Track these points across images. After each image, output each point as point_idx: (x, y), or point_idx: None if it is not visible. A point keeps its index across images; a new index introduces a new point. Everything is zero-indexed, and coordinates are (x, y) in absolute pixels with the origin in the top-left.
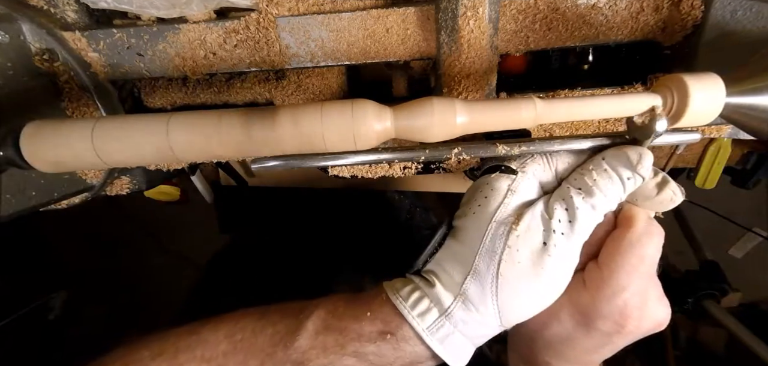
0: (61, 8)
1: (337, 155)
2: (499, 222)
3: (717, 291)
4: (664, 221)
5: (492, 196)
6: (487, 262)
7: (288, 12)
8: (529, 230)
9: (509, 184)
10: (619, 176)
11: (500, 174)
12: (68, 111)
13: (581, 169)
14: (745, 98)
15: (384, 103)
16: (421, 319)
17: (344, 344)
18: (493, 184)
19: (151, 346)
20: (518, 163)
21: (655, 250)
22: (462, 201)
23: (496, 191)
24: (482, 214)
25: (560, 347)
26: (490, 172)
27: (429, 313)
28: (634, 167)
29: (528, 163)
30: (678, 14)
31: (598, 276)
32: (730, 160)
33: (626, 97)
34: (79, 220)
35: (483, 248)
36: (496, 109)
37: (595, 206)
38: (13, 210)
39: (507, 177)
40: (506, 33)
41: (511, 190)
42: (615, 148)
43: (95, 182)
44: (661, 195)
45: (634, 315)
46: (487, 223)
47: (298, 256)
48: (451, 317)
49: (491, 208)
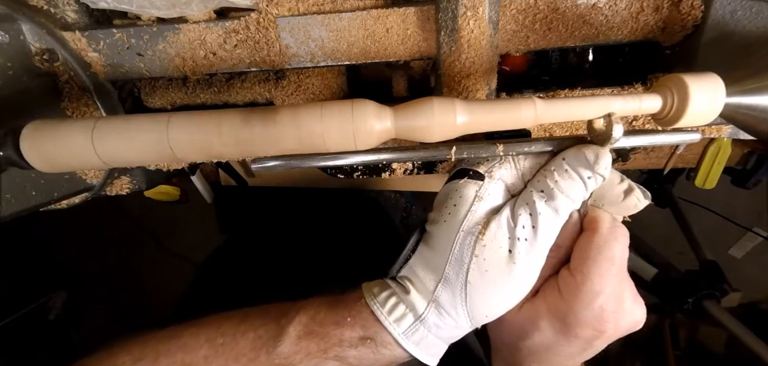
0: (61, 8)
1: (337, 155)
2: (467, 231)
3: (717, 291)
4: (665, 221)
5: (460, 204)
6: (457, 270)
7: (288, 12)
8: (495, 239)
9: (476, 190)
10: (579, 176)
11: (468, 180)
12: (68, 111)
13: (543, 171)
14: (745, 98)
15: (384, 103)
16: (398, 324)
17: (326, 349)
18: (462, 190)
19: (131, 350)
20: (486, 168)
21: (622, 251)
22: (435, 202)
23: (464, 199)
24: (451, 222)
25: (543, 354)
26: (459, 177)
27: (404, 318)
28: (592, 166)
29: (495, 168)
30: (678, 14)
31: (572, 282)
32: (730, 160)
33: (626, 97)
34: (79, 220)
35: (452, 257)
36: (496, 109)
37: (557, 209)
38: (13, 210)
39: (475, 183)
40: (506, 33)
41: (479, 196)
42: (574, 148)
43: (95, 182)
44: (626, 201)
45: (611, 319)
46: (455, 231)
47: (298, 255)
48: (424, 322)
49: (459, 217)
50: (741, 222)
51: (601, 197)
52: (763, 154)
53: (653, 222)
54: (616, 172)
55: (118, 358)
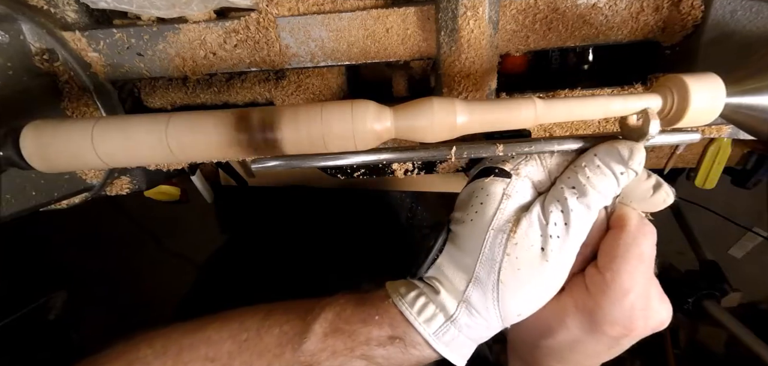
0: (61, 8)
1: (337, 155)
2: (497, 230)
3: (717, 291)
4: (665, 221)
5: (488, 202)
6: (488, 270)
7: (288, 12)
8: (527, 237)
9: (504, 189)
10: (612, 172)
11: (495, 178)
12: (68, 111)
13: (574, 167)
14: (745, 98)
15: (384, 103)
16: (428, 324)
17: (353, 347)
18: (489, 189)
19: (153, 343)
20: (512, 165)
21: (651, 248)
22: (458, 202)
23: (491, 197)
24: (480, 221)
25: (566, 353)
26: (485, 176)
27: (434, 319)
28: (626, 162)
29: (521, 165)
30: (678, 14)
31: (600, 280)
32: (730, 160)
33: (626, 97)
34: (79, 220)
35: (483, 256)
36: (496, 109)
37: (590, 205)
38: (13, 210)
39: (502, 181)
40: (506, 33)
41: (507, 194)
42: (607, 144)
43: (95, 182)
44: (655, 197)
45: (640, 317)
46: (485, 231)
47: (298, 255)
48: (456, 322)
49: (488, 216)
50: (741, 222)
51: (629, 194)
52: (763, 154)
53: (653, 222)
54: (644, 169)
55: (140, 350)
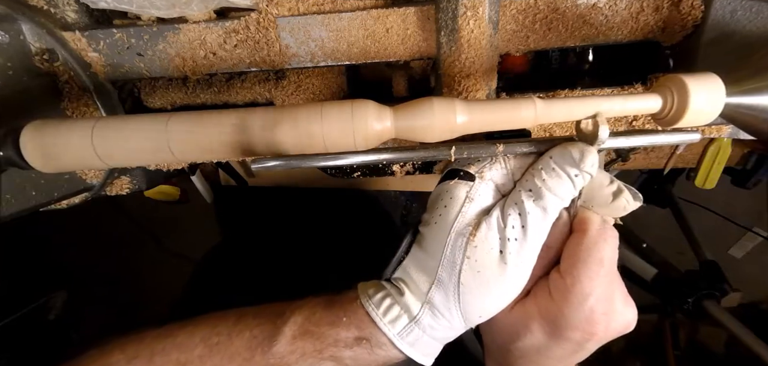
0: (61, 8)
1: (337, 155)
2: (458, 233)
3: (717, 291)
4: (665, 221)
5: (451, 205)
6: (449, 272)
7: (288, 12)
8: (486, 240)
9: (467, 192)
10: (566, 174)
11: (459, 180)
12: (68, 111)
13: (532, 170)
14: (745, 98)
15: (384, 103)
16: (392, 325)
17: (322, 349)
18: (453, 192)
19: (126, 348)
20: (477, 168)
21: (612, 252)
22: (428, 203)
23: (454, 200)
24: (443, 223)
25: (533, 357)
26: (450, 178)
27: (399, 320)
28: (578, 164)
29: (485, 168)
30: (678, 14)
31: (562, 285)
32: (730, 160)
33: (626, 97)
34: (79, 220)
35: (444, 259)
36: (496, 109)
37: (546, 208)
38: (13, 210)
39: (465, 184)
40: (506, 33)
41: (469, 197)
42: (560, 146)
43: (95, 182)
44: (616, 202)
45: (601, 320)
46: (447, 233)
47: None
48: (419, 323)
49: (450, 218)
50: (741, 222)
51: (591, 199)
52: (763, 154)
53: (653, 222)
54: (606, 174)
55: (112, 356)
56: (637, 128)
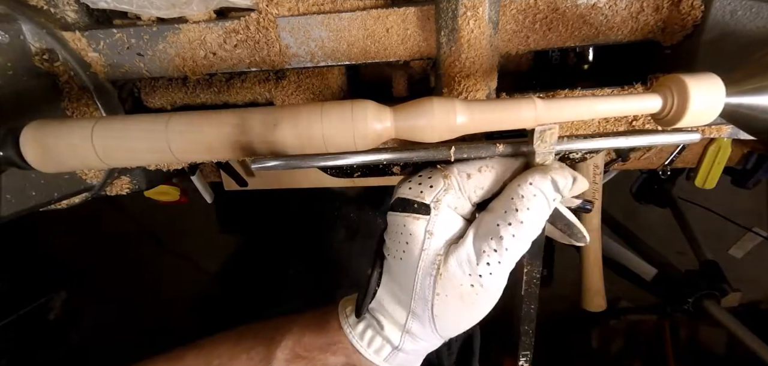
0: (61, 8)
1: (337, 155)
2: (425, 272)
3: (717, 291)
4: (665, 221)
5: (412, 242)
6: (422, 306)
7: (288, 12)
8: (455, 278)
9: (425, 227)
10: (548, 200)
11: (415, 216)
12: (68, 111)
13: (506, 199)
14: (745, 98)
15: (384, 103)
16: (377, 354)
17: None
18: (410, 228)
19: None
20: (431, 196)
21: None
22: (387, 228)
23: (414, 237)
24: (408, 260)
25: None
26: (404, 210)
27: (383, 349)
28: (562, 191)
29: (440, 196)
30: (678, 14)
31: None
32: (730, 160)
33: (626, 97)
34: (79, 220)
35: (415, 295)
36: (496, 109)
37: (524, 239)
38: (13, 210)
39: (423, 218)
40: (506, 33)
41: (429, 232)
42: (540, 171)
43: (95, 182)
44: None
45: None
46: (414, 272)
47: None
48: (402, 349)
49: (414, 257)
50: (741, 222)
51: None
52: (763, 154)
53: (653, 222)
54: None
55: None
56: (637, 128)
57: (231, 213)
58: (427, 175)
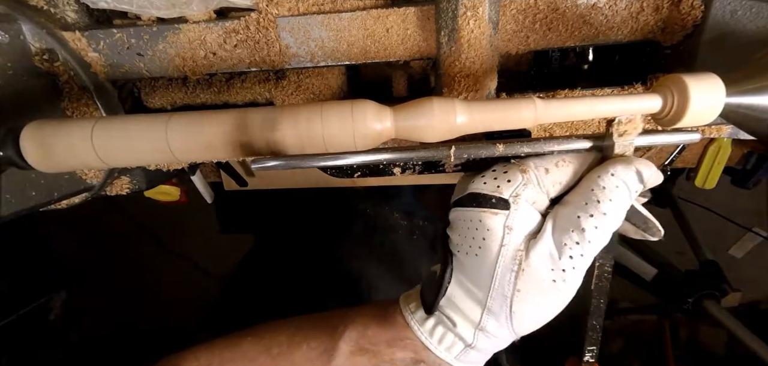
0: (61, 8)
1: (337, 155)
2: (505, 267)
3: (717, 291)
4: (665, 221)
5: (490, 238)
6: (500, 303)
7: (288, 12)
8: (538, 272)
9: (504, 222)
10: (631, 193)
11: (492, 211)
12: (68, 111)
13: (586, 190)
14: (745, 98)
15: (384, 103)
16: (448, 351)
17: (377, 365)
18: (488, 223)
19: (199, 356)
20: (510, 191)
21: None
22: (453, 223)
23: (493, 233)
24: (485, 257)
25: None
26: (480, 205)
27: (454, 346)
28: (645, 183)
29: (520, 192)
30: (678, 14)
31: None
32: (730, 160)
33: (626, 97)
34: (79, 220)
35: (493, 291)
36: (496, 109)
37: (607, 231)
38: (13, 210)
39: (501, 213)
40: (506, 33)
41: (508, 227)
42: (622, 162)
43: (95, 182)
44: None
45: None
46: (492, 267)
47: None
48: (475, 347)
49: (493, 253)
50: (741, 222)
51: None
52: (763, 154)
53: None
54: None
55: (186, 361)
56: None
57: (231, 213)
58: (501, 170)
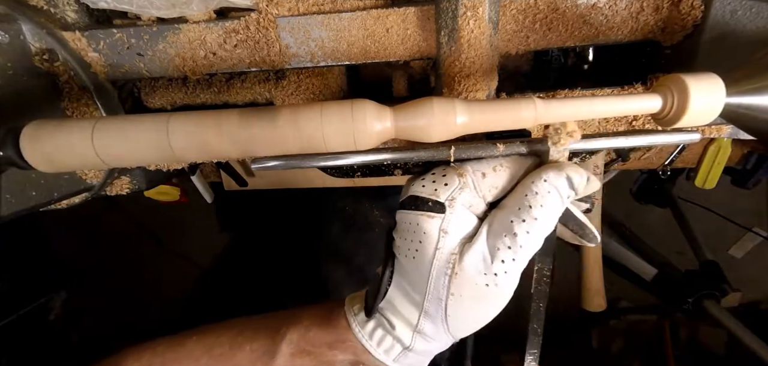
0: (61, 8)
1: (337, 155)
2: (439, 271)
3: (717, 291)
4: (665, 221)
5: (426, 242)
6: (436, 305)
7: (288, 12)
8: (470, 277)
9: (439, 225)
10: (562, 198)
11: (429, 214)
12: (68, 111)
13: (519, 195)
14: (745, 98)
15: (384, 103)
16: (387, 354)
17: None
18: (424, 226)
19: (141, 357)
20: (446, 195)
21: None
22: (398, 225)
23: (428, 236)
24: (421, 260)
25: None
26: (417, 208)
27: (393, 349)
28: (577, 189)
29: (455, 194)
30: (678, 14)
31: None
32: (730, 160)
33: (626, 97)
34: (79, 220)
35: (429, 294)
36: (496, 109)
37: (538, 235)
38: (13, 210)
39: (437, 217)
40: (506, 33)
41: (443, 231)
42: (554, 168)
43: (95, 182)
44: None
45: None
46: (427, 270)
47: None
48: (413, 349)
49: (428, 256)
50: (741, 222)
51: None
52: (763, 154)
53: (653, 222)
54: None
55: (127, 362)
56: (637, 128)
57: (231, 213)
58: (440, 173)
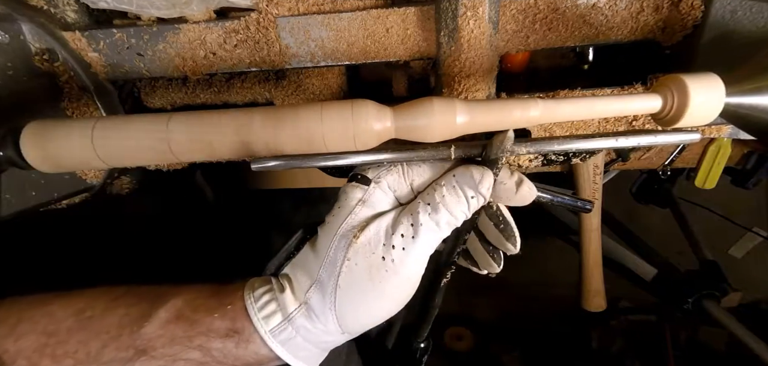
0: (61, 8)
1: (337, 155)
2: (343, 234)
3: (717, 291)
4: (665, 221)
5: (343, 206)
6: (329, 272)
7: (288, 12)
8: (369, 244)
9: (361, 196)
10: (464, 194)
11: (355, 183)
12: (68, 111)
13: (434, 184)
14: (745, 98)
15: (384, 103)
16: (266, 321)
17: (192, 337)
18: (348, 193)
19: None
20: (375, 173)
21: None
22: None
23: (347, 200)
24: (332, 223)
25: None
26: (352, 179)
27: (273, 316)
28: (476, 187)
29: (383, 174)
30: (678, 14)
31: None
32: (730, 160)
33: (626, 97)
34: (79, 220)
35: (327, 259)
36: (496, 109)
37: (439, 223)
38: (13, 210)
39: (361, 187)
40: (506, 33)
41: (362, 200)
42: (463, 166)
43: (95, 182)
44: (520, 192)
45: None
46: (333, 233)
47: None
48: (292, 322)
49: (340, 219)
50: (741, 222)
51: (498, 195)
52: (763, 154)
53: (653, 222)
54: (506, 169)
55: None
56: (637, 128)
57: (231, 213)
58: None
